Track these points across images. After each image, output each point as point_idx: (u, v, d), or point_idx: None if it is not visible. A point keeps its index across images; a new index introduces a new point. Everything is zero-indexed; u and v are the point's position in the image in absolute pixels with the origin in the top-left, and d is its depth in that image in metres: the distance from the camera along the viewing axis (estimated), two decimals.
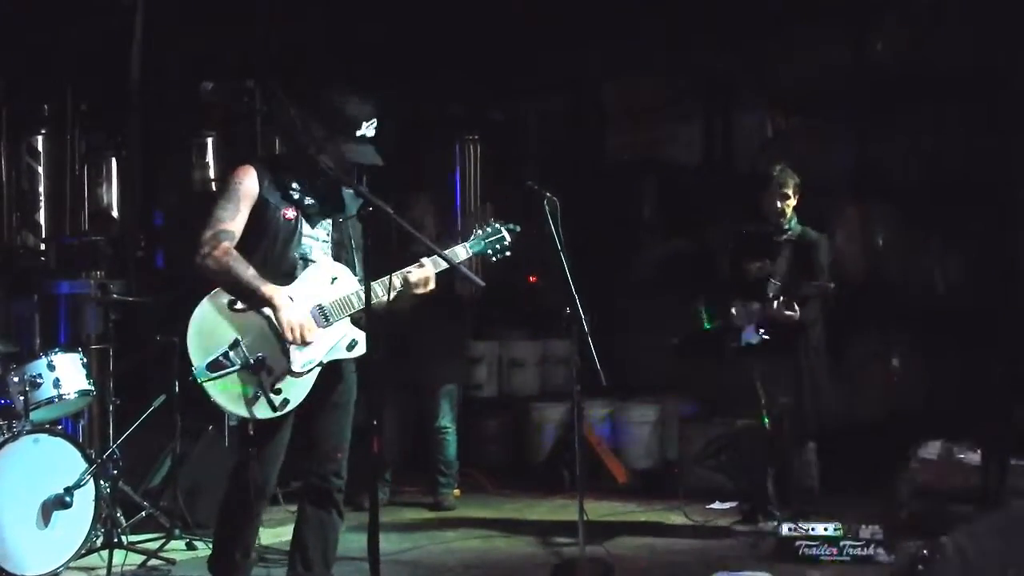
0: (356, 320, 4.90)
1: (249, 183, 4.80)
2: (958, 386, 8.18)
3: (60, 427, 6.71)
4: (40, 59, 9.05)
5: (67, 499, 6.09)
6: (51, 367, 6.44)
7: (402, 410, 8.29)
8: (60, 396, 6.44)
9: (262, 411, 4.72)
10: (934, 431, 7.93)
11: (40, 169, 9.25)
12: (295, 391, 4.76)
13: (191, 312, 4.78)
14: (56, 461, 6.16)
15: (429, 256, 4.97)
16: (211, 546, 5.20)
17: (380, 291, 4.72)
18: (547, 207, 6.03)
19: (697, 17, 9.66)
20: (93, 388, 6.68)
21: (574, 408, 6.22)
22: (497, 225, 5.11)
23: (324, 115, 4.87)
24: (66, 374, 6.48)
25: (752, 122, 10.55)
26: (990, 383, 7.75)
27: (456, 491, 8.70)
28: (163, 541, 6.68)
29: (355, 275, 4.92)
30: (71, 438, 6.42)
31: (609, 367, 5.85)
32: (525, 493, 8.78)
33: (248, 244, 4.78)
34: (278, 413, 4.73)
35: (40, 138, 9.27)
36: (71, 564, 6.15)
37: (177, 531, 6.78)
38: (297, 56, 9.42)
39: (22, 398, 6.29)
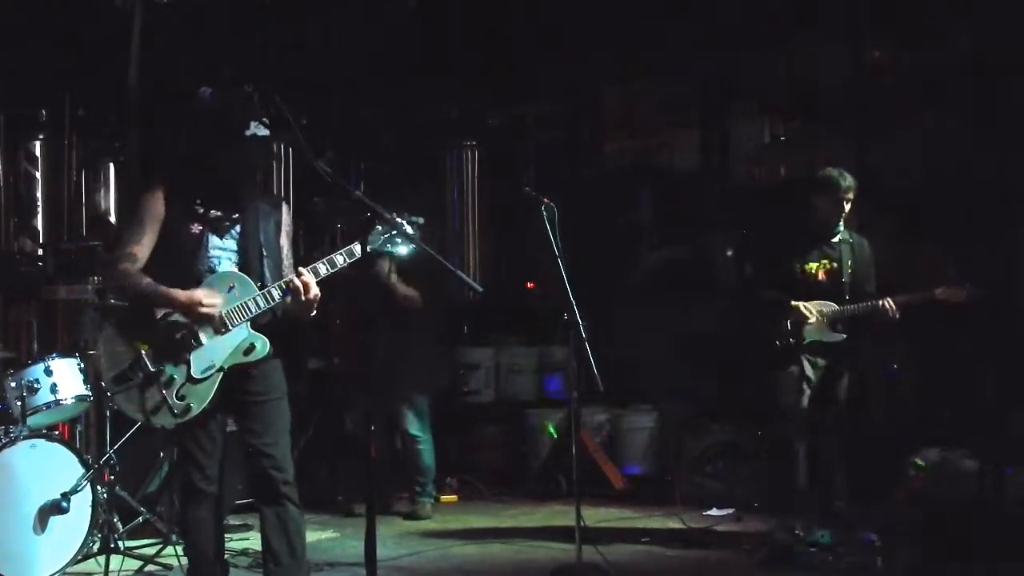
0: (259, 325, 4.97)
1: (155, 205, 4.94)
2: (954, 394, 8.18)
3: (57, 432, 6.71)
4: (38, 64, 9.05)
5: (64, 504, 6.08)
6: (48, 372, 6.44)
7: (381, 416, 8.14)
8: (57, 401, 6.44)
9: (164, 419, 4.88)
10: (931, 439, 7.95)
11: (38, 174, 9.24)
12: (196, 397, 4.88)
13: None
14: (53, 466, 6.16)
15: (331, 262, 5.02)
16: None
17: (277, 294, 4.92)
18: (545, 213, 6.04)
19: (695, 23, 9.67)
20: (90, 393, 6.67)
21: (571, 414, 6.24)
22: (399, 219, 5.01)
23: (211, 117, 5.00)
24: (63, 379, 6.48)
25: (750, 128, 10.56)
26: (986, 391, 7.75)
27: (452, 497, 8.73)
28: (160, 547, 6.68)
29: (265, 282, 4.98)
30: (68, 443, 6.42)
31: (606, 373, 5.87)
32: (522, 499, 8.79)
33: (157, 260, 4.94)
34: (180, 420, 4.87)
35: (38, 143, 9.27)
36: (68, 569, 6.14)
37: (174, 537, 6.76)
38: (296, 62, 9.43)
39: (19, 403, 6.29)
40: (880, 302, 6.67)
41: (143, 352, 4.84)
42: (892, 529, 6.66)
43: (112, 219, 9.36)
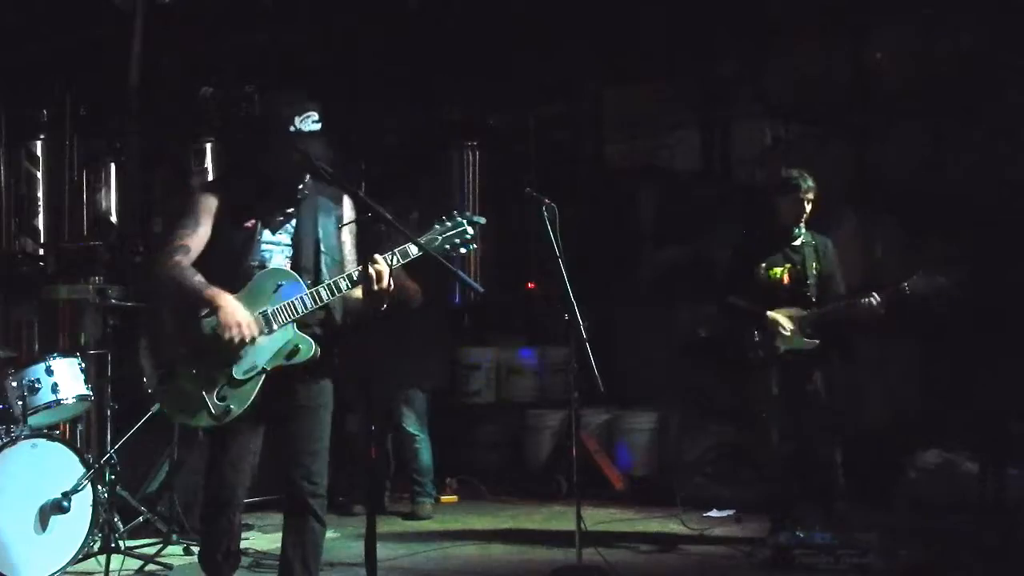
0: (304, 326, 4.81)
1: (209, 202, 4.81)
2: (956, 395, 8.18)
3: (58, 432, 6.72)
4: (39, 65, 9.06)
5: (65, 504, 6.09)
6: (49, 372, 6.44)
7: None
8: (58, 401, 6.44)
9: (204, 420, 4.75)
10: (932, 440, 7.95)
11: (39, 175, 9.26)
12: (238, 399, 4.73)
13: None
14: (54, 466, 6.17)
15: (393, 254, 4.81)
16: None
17: (325, 295, 4.76)
18: (546, 214, 6.04)
19: (696, 25, 9.68)
20: (91, 393, 6.68)
21: (571, 415, 6.24)
22: (459, 219, 4.87)
23: (257, 117, 4.91)
24: (64, 379, 6.48)
25: (751, 130, 10.56)
26: (988, 392, 7.75)
27: (452, 497, 8.72)
28: (160, 546, 6.69)
29: (321, 279, 4.82)
30: (69, 443, 6.42)
31: (607, 374, 5.87)
32: (522, 500, 8.79)
33: (208, 256, 4.79)
34: (220, 422, 4.73)
35: (39, 143, 9.28)
36: (68, 569, 6.15)
37: (174, 536, 6.78)
38: (296, 63, 9.44)
39: (20, 403, 6.30)
40: (865, 300, 6.65)
41: (185, 352, 4.71)
42: (892, 530, 6.66)
43: (113, 219, 9.37)
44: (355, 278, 4.76)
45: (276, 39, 9.40)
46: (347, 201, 4.97)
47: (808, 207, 6.86)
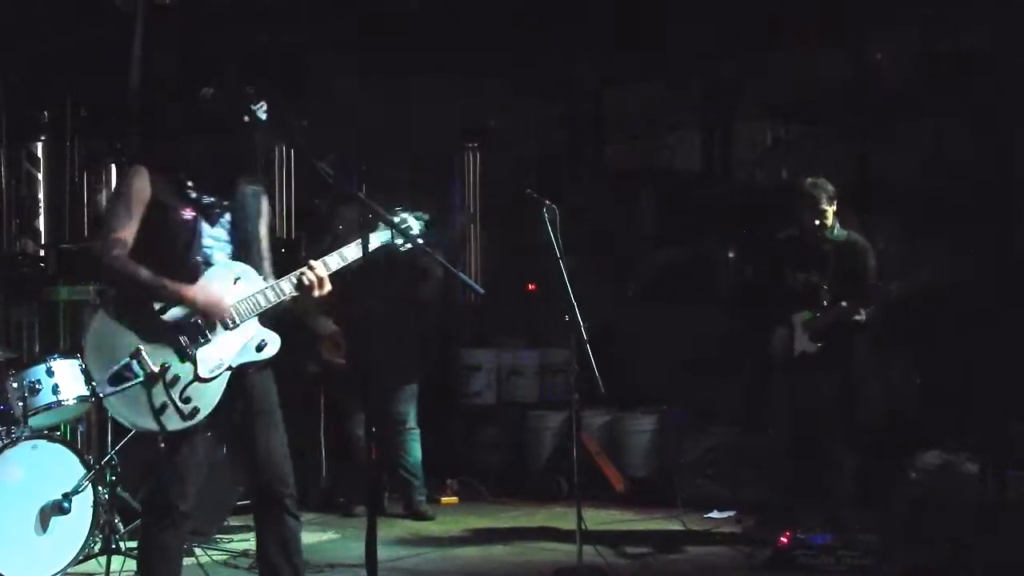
0: (264, 320, 4.68)
1: (140, 185, 4.55)
2: (956, 396, 8.17)
3: (58, 433, 6.71)
4: (40, 65, 9.06)
5: (65, 505, 6.09)
6: (50, 373, 6.43)
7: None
8: (59, 402, 6.43)
9: (173, 422, 4.46)
10: (932, 441, 7.94)
11: (40, 176, 9.26)
12: (205, 399, 4.51)
13: None
14: (54, 467, 6.16)
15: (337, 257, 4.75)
16: None
17: (288, 289, 4.64)
18: (546, 215, 6.05)
19: (697, 25, 9.67)
20: (92, 394, 6.67)
21: (572, 416, 6.23)
22: (405, 215, 4.85)
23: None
24: (65, 380, 6.47)
25: (751, 130, 10.56)
26: (988, 393, 7.75)
27: (453, 499, 8.72)
28: None
29: (260, 274, 4.71)
30: (70, 444, 6.42)
31: (608, 376, 5.87)
32: (523, 501, 8.78)
33: (145, 248, 4.54)
34: (189, 423, 4.48)
35: (40, 144, 9.28)
36: (69, 570, 6.15)
37: None
38: (297, 64, 9.44)
39: (21, 404, 6.29)
40: (846, 305, 6.68)
41: (141, 348, 4.42)
42: (893, 531, 6.66)
43: None
44: (294, 282, 4.63)
45: (277, 39, 9.40)
46: (265, 197, 4.88)
47: (830, 212, 6.88)
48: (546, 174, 10.71)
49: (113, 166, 9.37)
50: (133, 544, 6.57)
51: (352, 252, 4.74)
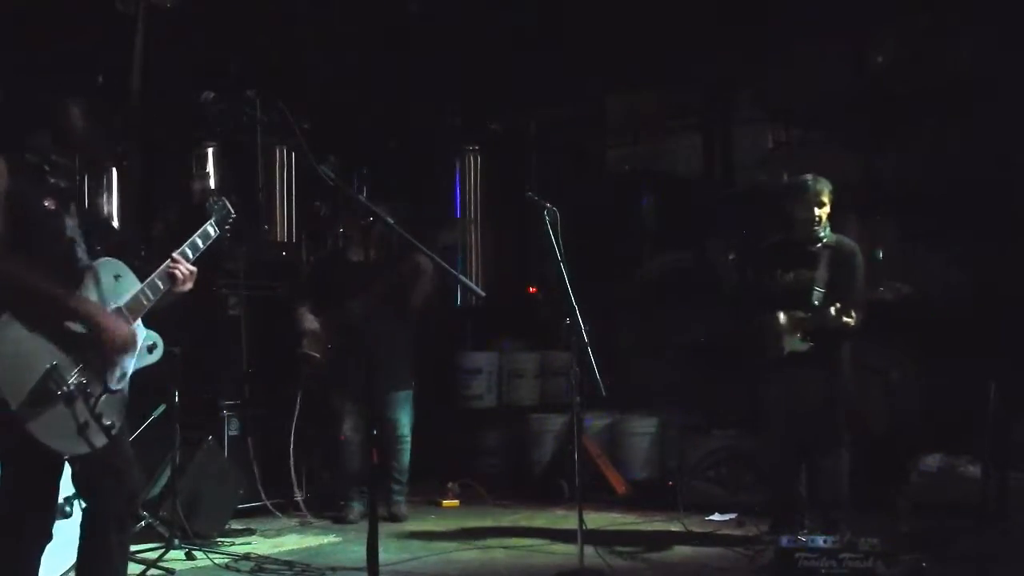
0: (145, 320, 4.36)
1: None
2: (957, 399, 8.17)
3: None
4: (39, 67, 9.05)
5: (67, 509, 6.07)
6: None
7: (363, 418, 7.96)
8: None
9: (98, 439, 4.06)
10: (934, 444, 7.94)
11: None
12: (114, 411, 4.14)
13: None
14: None
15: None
16: None
17: (164, 284, 4.38)
18: (547, 218, 6.05)
19: (698, 29, 9.68)
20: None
21: (573, 419, 6.23)
22: (223, 201, 4.74)
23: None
24: None
25: (752, 134, 10.56)
26: (990, 396, 7.74)
27: (454, 502, 8.71)
28: (162, 551, 6.67)
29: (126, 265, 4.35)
30: None
31: (608, 378, 5.86)
32: (524, 504, 8.77)
33: (16, 248, 3.99)
34: (108, 439, 4.09)
35: None
36: (71, 574, 6.14)
37: (176, 541, 6.78)
38: (298, 67, 9.44)
39: None
40: (831, 309, 6.66)
41: (56, 364, 3.97)
42: (895, 534, 6.65)
43: (114, 223, 9.36)
44: (166, 276, 4.38)
45: (277, 43, 9.41)
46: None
47: (821, 210, 6.86)
48: (547, 177, 10.72)
49: (113, 170, 9.34)
50: (134, 548, 6.59)
51: (201, 242, 4.58)
